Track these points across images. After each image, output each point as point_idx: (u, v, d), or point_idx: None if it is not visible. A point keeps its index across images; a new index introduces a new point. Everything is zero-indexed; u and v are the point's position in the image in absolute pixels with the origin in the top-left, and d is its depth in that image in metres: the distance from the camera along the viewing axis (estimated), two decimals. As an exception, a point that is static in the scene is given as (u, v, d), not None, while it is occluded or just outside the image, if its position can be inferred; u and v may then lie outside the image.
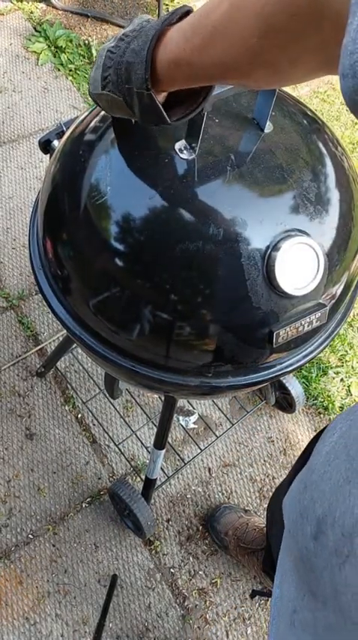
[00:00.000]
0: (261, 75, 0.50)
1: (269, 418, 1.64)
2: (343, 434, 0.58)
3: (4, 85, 2.19)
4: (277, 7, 0.43)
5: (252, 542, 1.35)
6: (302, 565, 0.56)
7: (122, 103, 0.64)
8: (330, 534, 0.50)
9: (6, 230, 1.86)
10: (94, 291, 0.77)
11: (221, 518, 1.42)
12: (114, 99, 0.65)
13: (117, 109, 0.67)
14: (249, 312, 0.71)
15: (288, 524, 0.60)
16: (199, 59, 0.53)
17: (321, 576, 0.52)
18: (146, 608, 1.37)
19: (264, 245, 0.70)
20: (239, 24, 0.47)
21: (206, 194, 0.71)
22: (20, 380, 1.61)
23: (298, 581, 0.58)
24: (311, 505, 0.55)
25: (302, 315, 0.75)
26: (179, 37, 0.55)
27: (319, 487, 0.55)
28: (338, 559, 0.49)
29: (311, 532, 0.53)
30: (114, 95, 0.64)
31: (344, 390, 1.71)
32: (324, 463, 0.57)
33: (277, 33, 0.44)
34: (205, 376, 0.79)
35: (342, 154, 0.82)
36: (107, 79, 0.64)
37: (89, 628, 1.33)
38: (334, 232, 0.75)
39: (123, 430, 1.56)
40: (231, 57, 0.49)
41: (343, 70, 0.35)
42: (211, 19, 0.50)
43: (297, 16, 0.42)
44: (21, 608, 1.34)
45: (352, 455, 0.53)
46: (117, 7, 2.49)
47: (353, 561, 0.47)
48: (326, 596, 0.51)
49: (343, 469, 0.53)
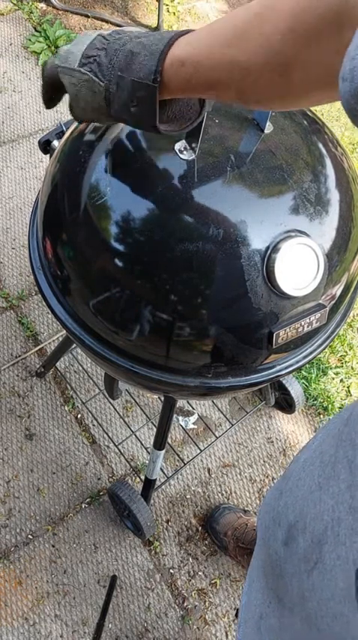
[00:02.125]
0: (266, 80, 0.50)
1: (268, 419, 1.64)
2: (320, 442, 0.58)
3: (4, 85, 2.19)
4: (308, 6, 0.45)
5: (251, 542, 1.35)
6: (271, 571, 0.56)
7: (97, 89, 0.60)
8: (301, 540, 0.50)
9: (6, 230, 1.86)
10: (94, 291, 0.77)
11: (220, 519, 1.42)
12: (91, 81, 0.60)
13: (86, 93, 0.62)
14: (249, 313, 0.71)
15: (261, 532, 0.60)
16: (208, 58, 0.52)
17: (290, 582, 0.52)
18: (145, 608, 1.37)
19: (264, 246, 0.70)
20: (269, 22, 0.47)
21: (206, 195, 0.71)
22: (20, 380, 1.61)
23: (265, 587, 0.58)
24: (284, 511, 0.55)
25: (302, 316, 0.75)
26: (192, 38, 0.55)
27: (293, 493, 0.55)
28: (307, 565, 0.49)
29: (282, 538, 0.53)
30: (94, 77, 0.60)
31: (344, 391, 1.71)
32: (300, 470, 0.57)
33: (302, 32, 0.46)
34: (205, 377, 0.79)
35: (342, 154, 0.82)
36: (92, 58, 0.60)
37: (88, 628, 1.33)
38: (334, 233, 0.75)
39: (123, 430, 1.56)
40: (247, 55, 0.49)
41: (343, 74, 0.36)
42: (235, 20, 0.50)
43: (324, 17, 0.44)
44: (20, 609, 1.34)
45: (325, 461, 0.53)
46: (117, 7, 2.49)
47: (320, 568, 0.47)
48: (294, 603, 0.51)
49: (316, 475, 0.53)
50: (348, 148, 2.26)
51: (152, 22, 2.43)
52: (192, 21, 2.51)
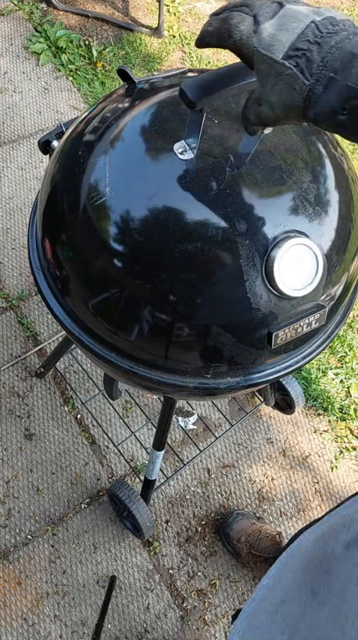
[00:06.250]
0: None
1: (268, 419, 1.64)
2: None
3: (5, 86, 2.19)
4: None
5: (265, 549, 1.34)
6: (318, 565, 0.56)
7: (299, 87, 0.53)
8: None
9: (6, 230, 1.86)
10: (93, 291, 0.77)
11: (233, 525, 1.42)
12: (294, 76, 0.53)
13: (283, 88, 0.55)
14: (248, 314, 0.71)
15: (324, 529, 0.60)
16: None
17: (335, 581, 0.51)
18: (145, 609, 1.37)
19: (263, 246, 0.70)
20: None
21: (205, 195, 0.71)
22: (19, 380, 1.61)
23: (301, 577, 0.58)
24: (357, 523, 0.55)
25: (302, 317, 0.75)
26: None
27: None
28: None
29: (345, 540, 0.53)
30: (300, 74, 0.52)
31: (344, 392, 1.71)
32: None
33: None
34: (204, 377, 0.79)
35: (342, 154, 0.82)
36: (302, 52, 0.52)
37: (88, 629, 1.33)
38: (333, 233, 0.75)
39: (123, 431, 1.56)
40: None
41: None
42: None
43: None
44: (19, 609, 1.34)
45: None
46: (117, 7, 2.49)
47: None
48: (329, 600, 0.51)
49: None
50: (349, 149, 2.26)
51: (152, 22, 2.44)
52: (193, 21, 2.51)
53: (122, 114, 0.78)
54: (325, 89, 0.52)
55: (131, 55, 2.33)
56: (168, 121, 0.76)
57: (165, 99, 0.79)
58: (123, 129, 0.76)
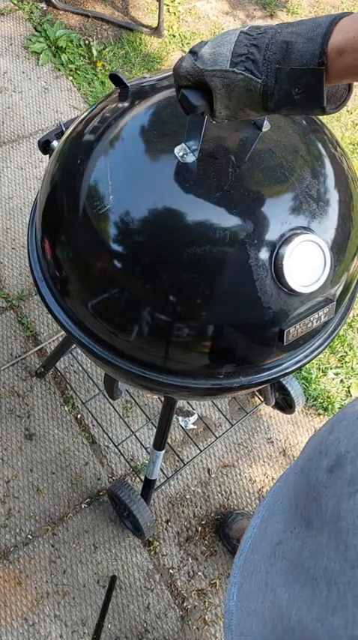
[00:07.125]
0: None
1: (268, 419, 1.64)
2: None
3: (5, 85, 2.19)
4: None
5: None
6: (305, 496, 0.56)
7: (254, 86, 0.60)
8: (348, 468, 0.51)
9: (6, 230, 1.86)
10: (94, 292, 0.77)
11: (233, 525, 1.42)
12: (247, 79, 0.60)
13: (241, 92, 0.61)
14: (260, 312, 0.71)
15: (302, 464, 0.61)
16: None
17: (326, 504, 0.52)
18: (145, 609, 1.37)
19: (271, 245, 0.70)
20: None
21: (209, 197, 0.70)
22: (20, 380, 1.61)
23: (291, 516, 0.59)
24: (334, 444, 0.55)
25: (311, 312, 0.75)
26: (349, 26, 0.54)
27: (347, 429, 0.55)
28: (351, 488, 0.49)
29: (327, 465, 0.54)
30: (251, 75, 0.59)
31: (344, 391, 1.71)
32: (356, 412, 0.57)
33: None
34: (216, 378, 0.79)
35: (341, 154, 0.82)
36: (244, 56, 0.59)
37: (88, 629, 1.33)
38: (337, 230, 0.75)
39: (123, 431, 1.56)
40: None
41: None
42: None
43: None
44: (20, 609, 1.34)
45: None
46: (117, 7, 2.49)
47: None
48: (325, 522, 0.52)
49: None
50: (349, 149, 2.26)
51: (152, 22, 2.43)
52: (193, 21, 2.51)
53: (122, 114, 0.78)
54: (276, 80, 0.58)
55: (131, 54, 2.33)
56: (167, 123, 0.76)
57: (162, 99, 0.79)
58: (124, 130, 0.76)
